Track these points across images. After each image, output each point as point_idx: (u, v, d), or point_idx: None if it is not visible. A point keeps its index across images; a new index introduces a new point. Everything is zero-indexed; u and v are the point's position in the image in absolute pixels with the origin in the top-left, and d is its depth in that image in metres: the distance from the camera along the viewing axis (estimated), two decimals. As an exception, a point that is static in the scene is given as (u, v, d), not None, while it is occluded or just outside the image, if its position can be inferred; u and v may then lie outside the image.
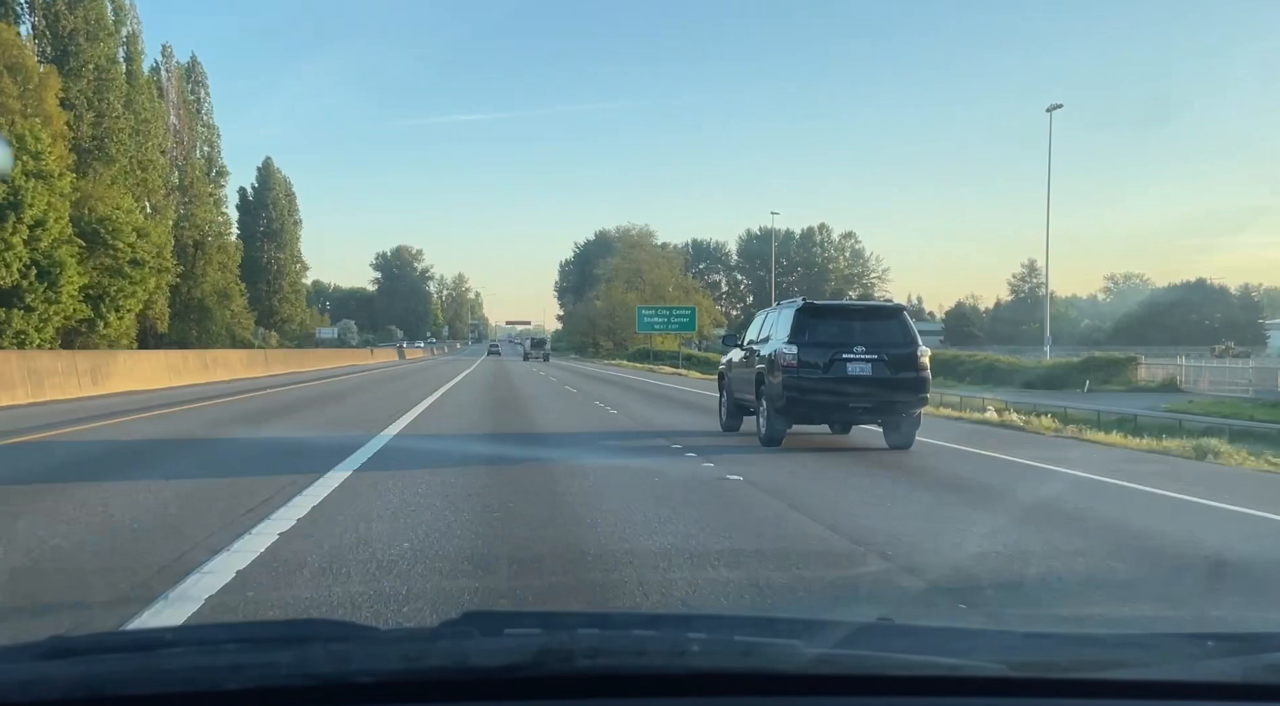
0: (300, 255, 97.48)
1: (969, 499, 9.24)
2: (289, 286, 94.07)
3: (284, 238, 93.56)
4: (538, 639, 1.63)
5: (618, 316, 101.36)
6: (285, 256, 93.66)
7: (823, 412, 13.43)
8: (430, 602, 4.86)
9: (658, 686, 1.54)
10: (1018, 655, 1.76)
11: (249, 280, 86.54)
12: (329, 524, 6.89)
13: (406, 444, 12.86)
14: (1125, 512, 8.48)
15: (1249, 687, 1.62)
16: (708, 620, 2.57)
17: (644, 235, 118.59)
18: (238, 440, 13.56)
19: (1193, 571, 6.25)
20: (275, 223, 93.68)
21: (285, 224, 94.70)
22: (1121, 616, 5.02)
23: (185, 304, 62.63)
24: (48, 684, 1.48)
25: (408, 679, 1.52)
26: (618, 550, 6.20)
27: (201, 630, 3.29)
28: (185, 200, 63.93)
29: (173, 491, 8.39)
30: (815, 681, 1.58)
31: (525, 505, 7.89)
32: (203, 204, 65.65)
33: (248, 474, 9.54)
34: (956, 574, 5.82)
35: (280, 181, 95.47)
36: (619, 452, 12.33)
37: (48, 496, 8.09)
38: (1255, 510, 8.65)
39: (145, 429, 14.89)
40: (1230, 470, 12.14)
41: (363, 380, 37.56)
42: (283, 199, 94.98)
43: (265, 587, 5.11)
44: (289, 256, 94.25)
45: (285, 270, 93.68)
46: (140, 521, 7.00)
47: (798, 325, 12.92)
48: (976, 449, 13.65)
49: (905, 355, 12.81)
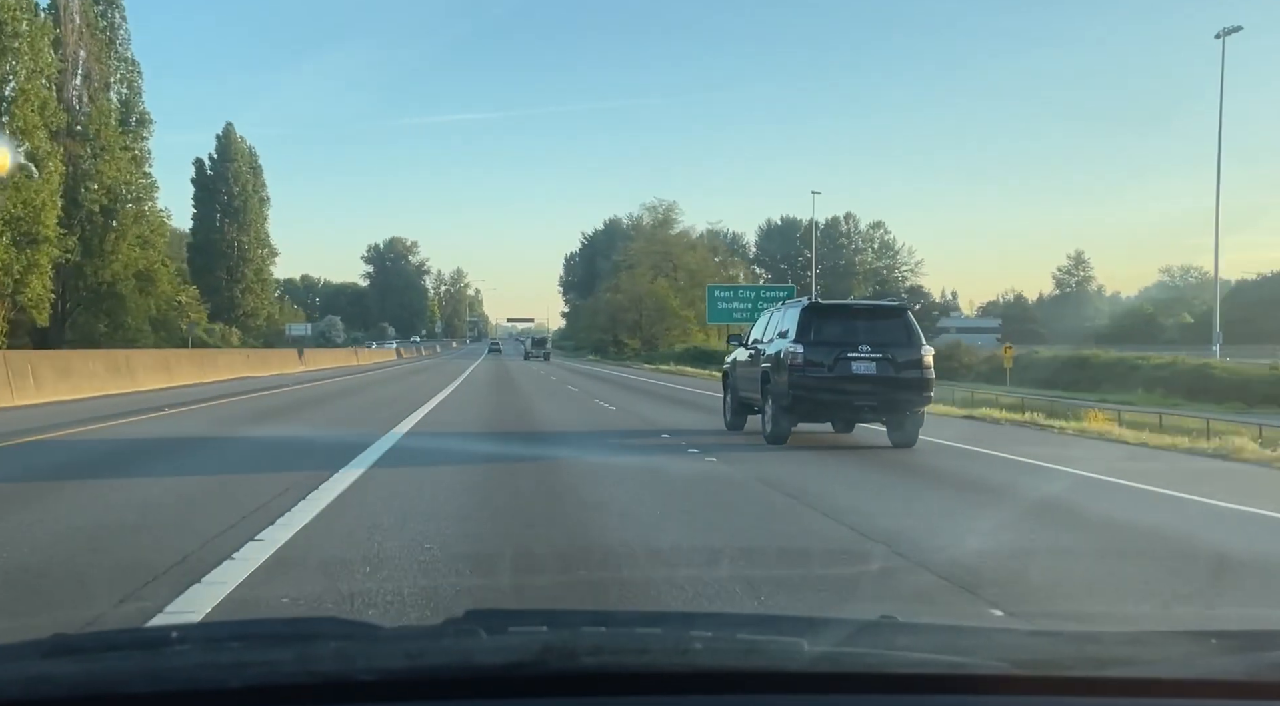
0: (268, 239, 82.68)
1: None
2: (253, 275, 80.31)
3: (247, 217, 79.19)
4: (541, 637, 1.63)
5: (646, 308, 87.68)
6: (249, 240, 79.46)
7: (828, 411, 13.54)
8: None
9: (661, 684, 1.54)
10: (1021, 653, 1.76)
11: (204, 267, 76.78)
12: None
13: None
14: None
15: (1253, 685, 1.61)
16: (711, 618, 2.57)
17: (671, 213, 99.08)
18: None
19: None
20: (237, 200, 78.81)
21: (249, 201, 79.56)
22: (1125, 614, 5.01)
23: (91, 290, 50.79)
24: (51, 682, 1.48)
25: (411, 677, 1.52)
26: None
27: (205, 628, 3.30)
28: (89, 153, 49.75)
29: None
30: (818, 679, 1.57)
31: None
32: (114, 159, 50.16)
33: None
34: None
35: (244, 152, 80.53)
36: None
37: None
38: None
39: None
40: None
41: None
42: (246, 172, 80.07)
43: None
44: (253, 240, 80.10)
45: (249, 255, 79.70)
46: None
47: (803, 324, 13.05)
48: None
49: (909, 354, 12.91)
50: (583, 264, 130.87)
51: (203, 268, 78.44)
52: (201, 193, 79.67)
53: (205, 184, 79.55)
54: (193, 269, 77.83)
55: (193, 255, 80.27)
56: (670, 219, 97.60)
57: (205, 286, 74.99)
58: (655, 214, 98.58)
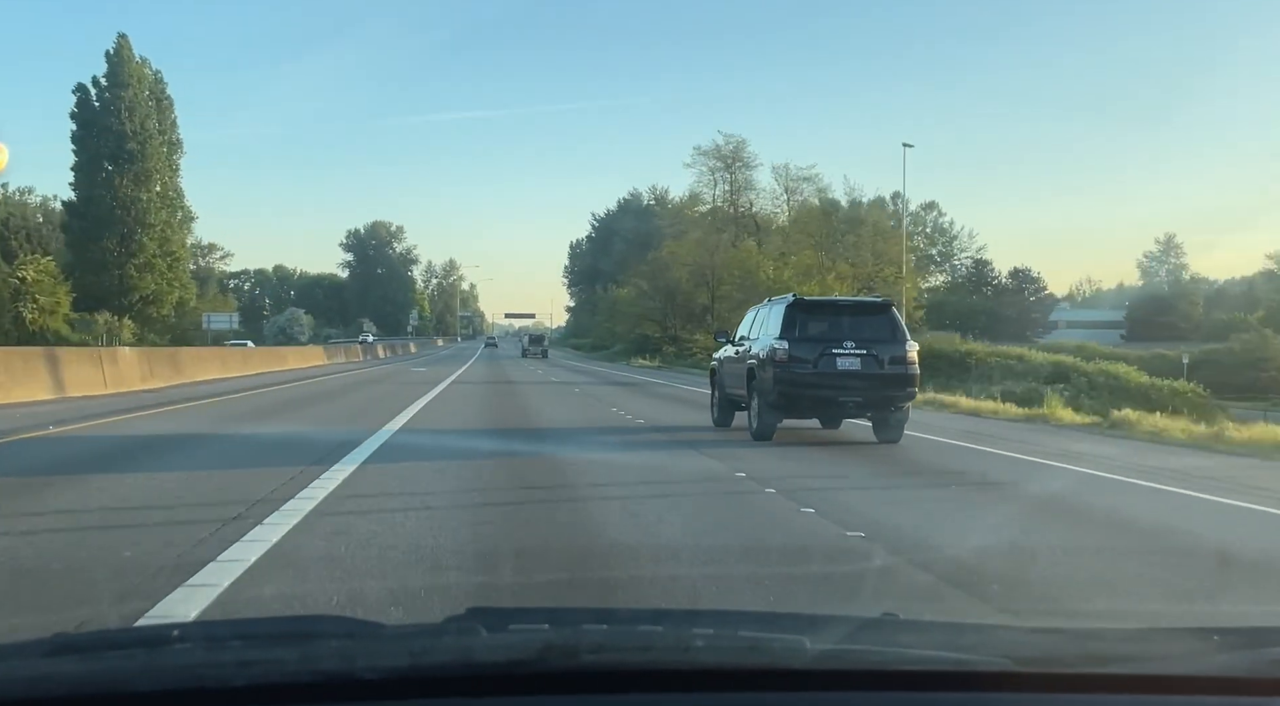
0: (181, 199, 60.47)
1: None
2: (156, 247, 57.44)
3: (147, 166, 56.68)
4: (543, 634, 1.63)
5: (727, 284, 56.77)
6: (149, 198, 56.72)
7: (813, 407, 13.64)
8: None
9: (663, 682, 1.54)
10: (1023, 650, 1.76)
11: (85, 235, 56.63)
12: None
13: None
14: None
15: (1255, 682, 1.62)
16: (712, 615, 2.57)
17: (741, 151, 66.12)
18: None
19: None
20: (132, 141, 55.73)
21: (150, 145, 56.68)
22: (1127, 611, 5.02)
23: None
24: (52, 681, 1.48)
25: (413, 675, 1.52)
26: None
27: (207, 627, 3.31)
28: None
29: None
30: (820, 677, 1.58)
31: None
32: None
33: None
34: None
35: (144, 78, 57.68)
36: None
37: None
38: None
39: None
40: None
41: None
42: (147, 105, 57.27)
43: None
44: (157, 198, 57.61)
45: (149, 220, 56.80)
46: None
47: (788, 321, 13.15)
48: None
49: (894, 350, 13.03)
50: (593, 249, 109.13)
51: (83, 235, 56.94)
52: (83, 132, 56.20)
53: (89, 120, 55.68)
54: (69, 238, 59.35)
55: (70, 219, 58.85)
56: (741, 157, 65.79)
57: (86, 262, 55.99)
58: (719, 156, 65.56)
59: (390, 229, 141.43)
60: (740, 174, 66.36)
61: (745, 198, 67.06)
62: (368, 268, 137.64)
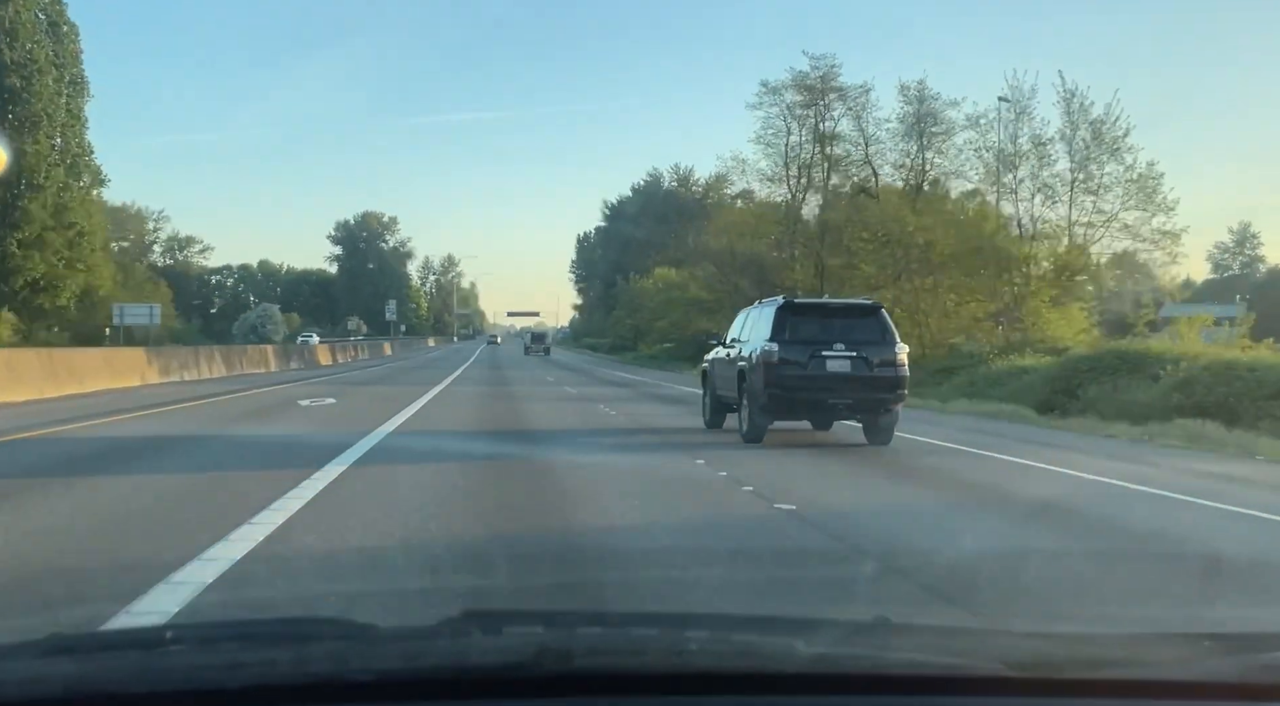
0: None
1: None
2: (50, 217, 43.77)
3: (34, 108, 42.88)
4: (537, 637, 1.64)
5: (834, 256, 38.42)
6: (36, 152, 42.52)
7: (803, 410, 13.67)
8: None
9: (656, 685, 1.54)
10: (1016, 654, 1.76)
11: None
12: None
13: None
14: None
15: (1246, 687, 1.62)
16: (706, 619, 2.57)
17: (833, 77, 41.91)
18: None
19: None
20: (14, 74, 42.12)
21: (41, 83, 43.01)
22: (1119, 615, 5.02)
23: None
24: (47, 682, 1.48)
25: (407, 677, 1.52)
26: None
27: (200, 628, 3.29)
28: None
29: None
30: (813, 680, 1.58)
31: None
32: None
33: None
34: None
35: (40, 4, 44.45)
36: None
37: None
38: None
39: None
40: None
41: None
42: (36, 34, 43.75)
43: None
44: (51, 153, 44.19)
45: (41, 181, 43.00)
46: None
47: (778, 323, 13.18)
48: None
49: (884, 353, 13.05)
50: (605, 241, 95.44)
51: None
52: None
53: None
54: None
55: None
56: (832, 86, 42.35)
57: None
58: (802, 86, 42.23)
59: (382, 220, 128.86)
60: (833, 109, 42.91)
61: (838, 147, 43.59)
62: (357, 262, 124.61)
